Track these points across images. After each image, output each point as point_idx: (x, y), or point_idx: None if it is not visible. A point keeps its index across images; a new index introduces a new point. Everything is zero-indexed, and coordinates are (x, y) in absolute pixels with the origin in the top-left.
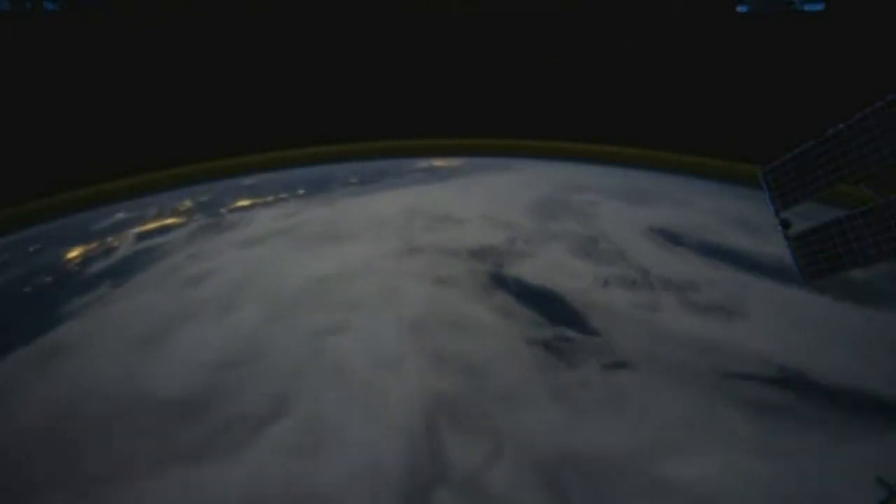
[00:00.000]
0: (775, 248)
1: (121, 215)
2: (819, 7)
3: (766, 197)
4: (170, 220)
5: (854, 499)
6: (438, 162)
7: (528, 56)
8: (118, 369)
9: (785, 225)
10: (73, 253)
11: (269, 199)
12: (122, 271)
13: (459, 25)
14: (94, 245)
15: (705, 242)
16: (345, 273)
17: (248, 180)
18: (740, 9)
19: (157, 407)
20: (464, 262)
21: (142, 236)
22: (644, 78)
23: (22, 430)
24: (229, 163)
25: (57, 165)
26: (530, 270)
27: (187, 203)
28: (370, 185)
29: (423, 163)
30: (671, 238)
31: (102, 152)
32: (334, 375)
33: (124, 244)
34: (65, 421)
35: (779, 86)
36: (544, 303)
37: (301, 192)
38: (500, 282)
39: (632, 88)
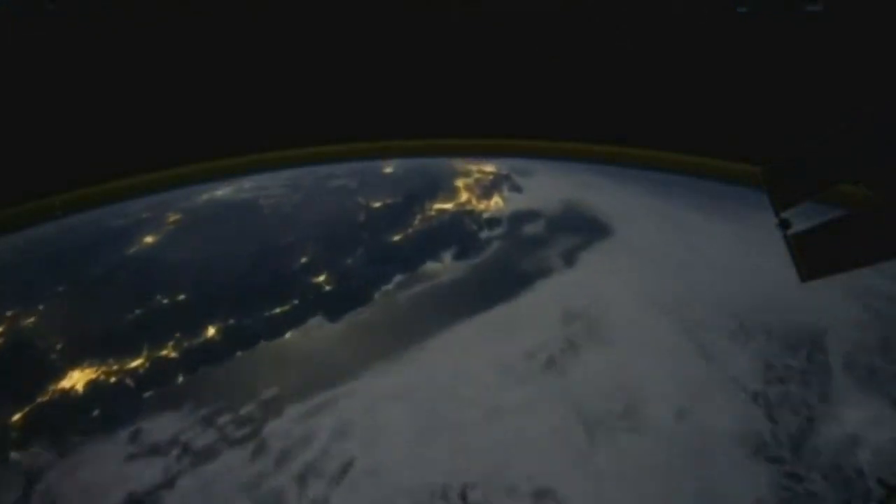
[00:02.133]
0: None
1: None
2: (817, 7)
3: (766, 197)
4: None
5: None
6: (466, 193)
7: (528, 56)
8: None
9: (785, 225)
10: None
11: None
12: None
13: (459, 25)
14: None
15: None
16: None
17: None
18: (740, 10)
19: None
20: None
21: None
22: (644, 78)
23: None
24: (229, 163)
25: (55, 165)
26: None
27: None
28: (361, 309)
29: (446, 198)
30: None
31: (100, 152)
32: None
33: None
34: None
35: (779, 86)
36: None
37: (227, 320)
38: None
39: (632, 88)
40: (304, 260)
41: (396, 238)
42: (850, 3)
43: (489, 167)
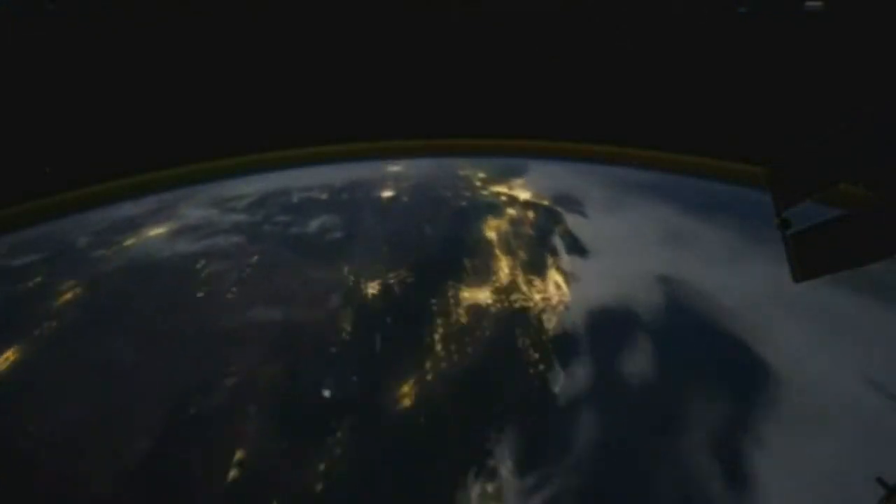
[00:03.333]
0: None
1: None
2: (818, 5)
3: (768, 196)
4: None
5: None
6: (505, 259)
7: (528, 56)
8: None
9: (786, 225)
10: None
11: None
12: None
13: (459, 25)
14: None
15: None
16: None
17: None
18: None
19: None
20: None
21: None
22: (644, 78)
23: None
24: (229, 162)
25: (56, 165)
26: None
27: None
28: None
29: (478, 274)
30: None
31: (100, 152)
32: None
33: None
34: None
35: (779, 85)
36: None
37: None
38: None
39: (632, 88)
40: (231, 475)
41: (406, 402)
42: (850, 2)
43: (522, 191)
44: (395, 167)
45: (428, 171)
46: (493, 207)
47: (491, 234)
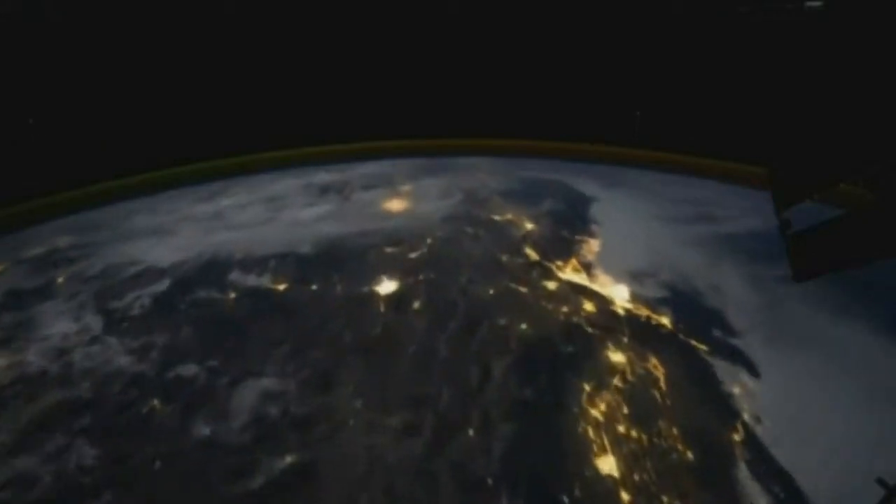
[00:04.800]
0: None
1: None
2: (818, 5)
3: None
4: None
5: None
6: None
7: (527, 55)
8: None
9: (786, 225)
10: None
11: None
12: None
13: (459, 24)
14: None
15: None
16: None
17: None
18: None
19: None
20: None
21: None
22: (644, 78)
23: None
24: (228, 162)
25: (57, 164)
26: None
27: None
28: None
29: None
30: None
31: (99, 153)
32: None
33: None
34: None
35: (779, 86)
36: None
37: None
38: None
39: (632, 88)
40: None
41: None
42: (850, 2)
43: (609, 280)
44: (397, 203)
45: (446, 216)
46: (584, 346)
47: (607, 468)
